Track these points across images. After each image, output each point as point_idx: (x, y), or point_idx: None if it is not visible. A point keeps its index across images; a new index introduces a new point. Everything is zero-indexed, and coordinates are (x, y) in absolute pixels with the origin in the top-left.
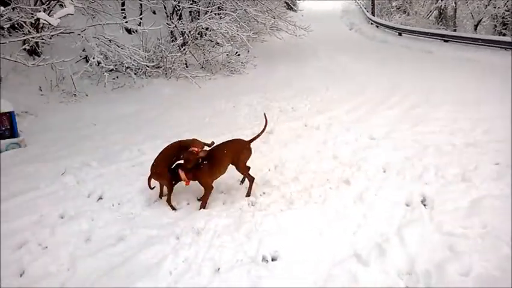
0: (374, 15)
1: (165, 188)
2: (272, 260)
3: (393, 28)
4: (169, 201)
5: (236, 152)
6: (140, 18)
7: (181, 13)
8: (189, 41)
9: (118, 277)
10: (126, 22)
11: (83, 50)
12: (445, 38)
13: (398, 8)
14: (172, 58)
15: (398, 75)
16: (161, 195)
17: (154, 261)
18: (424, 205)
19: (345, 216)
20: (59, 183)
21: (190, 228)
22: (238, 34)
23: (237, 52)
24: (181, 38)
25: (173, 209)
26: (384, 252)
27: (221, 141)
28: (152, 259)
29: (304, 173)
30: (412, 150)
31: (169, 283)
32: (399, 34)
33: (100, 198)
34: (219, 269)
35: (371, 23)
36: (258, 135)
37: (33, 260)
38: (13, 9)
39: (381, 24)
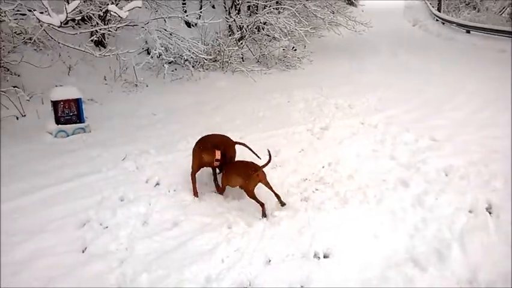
0: (440, 11)
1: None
2: (324, 257)
3: (460, 25)
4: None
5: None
6: (200, 12)
7: (239, 7)
8: (246, 35)
9: (173, 260)
10: (187, 16)
11: (145, 42)
12: None
13: (467, 4)
14: (229, 52)
15: (464, 75)
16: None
17: (207, 247)
18: (489, 213)
19: (402, 219)
20: (119, 168)
21: (243, 219)
22: (296, 29)
23: (293, 47)
24: (239, 32)
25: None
26: (443, 258)
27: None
28: (205, 246)
29: (359, 172)
30: (478, 154)
31: (221, 270)
32: (468, 32)
33: (157, 184)
34: (269, 260)
35: (436, 20)
36: (265, 165)
37: (95, 238)
38: (84, 1)
39: (447, 20)
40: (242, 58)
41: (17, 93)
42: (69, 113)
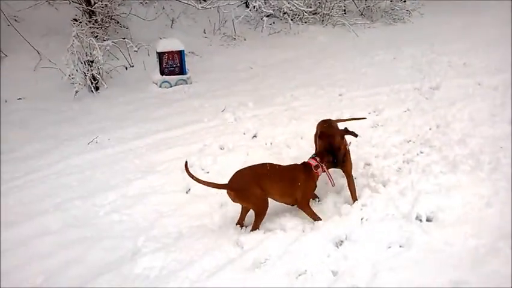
0: None
1: None
2: (427, 220)
3: None
4: None
5: None
6: None
7: None
8: None
9: (271, 207)
10: None
11: None
12: None
13: None
14: (330, 4)
15: None
16: None
17: None
18: None
19: None
20: (219, 119)
21: (339, 175)
22: None
23: None
24: None
25: None
26: None
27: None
28: None
29: (472, 136)
30: None
31: (318, 222)
32: None
33: (255, 136)
34: (366, 218)
35: None
36: None
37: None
38: None
39: None
40: (344, 11)
41: (126, 44)
42: (172, 65)
